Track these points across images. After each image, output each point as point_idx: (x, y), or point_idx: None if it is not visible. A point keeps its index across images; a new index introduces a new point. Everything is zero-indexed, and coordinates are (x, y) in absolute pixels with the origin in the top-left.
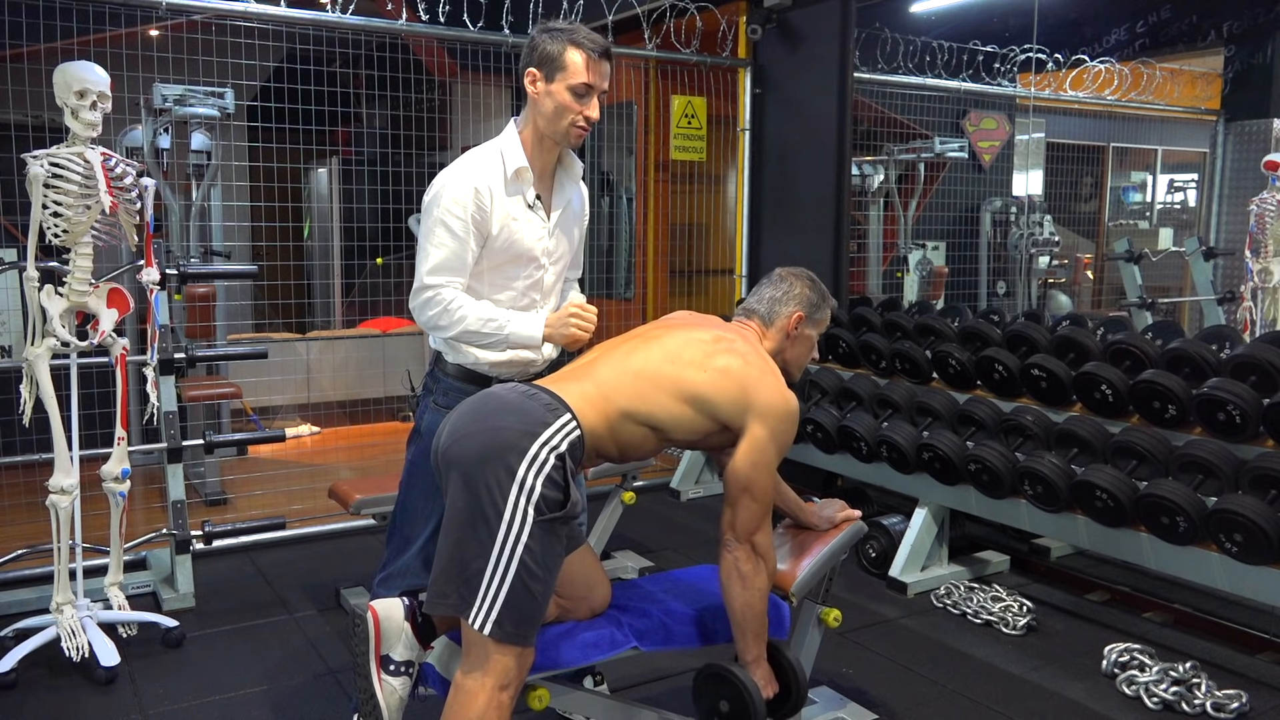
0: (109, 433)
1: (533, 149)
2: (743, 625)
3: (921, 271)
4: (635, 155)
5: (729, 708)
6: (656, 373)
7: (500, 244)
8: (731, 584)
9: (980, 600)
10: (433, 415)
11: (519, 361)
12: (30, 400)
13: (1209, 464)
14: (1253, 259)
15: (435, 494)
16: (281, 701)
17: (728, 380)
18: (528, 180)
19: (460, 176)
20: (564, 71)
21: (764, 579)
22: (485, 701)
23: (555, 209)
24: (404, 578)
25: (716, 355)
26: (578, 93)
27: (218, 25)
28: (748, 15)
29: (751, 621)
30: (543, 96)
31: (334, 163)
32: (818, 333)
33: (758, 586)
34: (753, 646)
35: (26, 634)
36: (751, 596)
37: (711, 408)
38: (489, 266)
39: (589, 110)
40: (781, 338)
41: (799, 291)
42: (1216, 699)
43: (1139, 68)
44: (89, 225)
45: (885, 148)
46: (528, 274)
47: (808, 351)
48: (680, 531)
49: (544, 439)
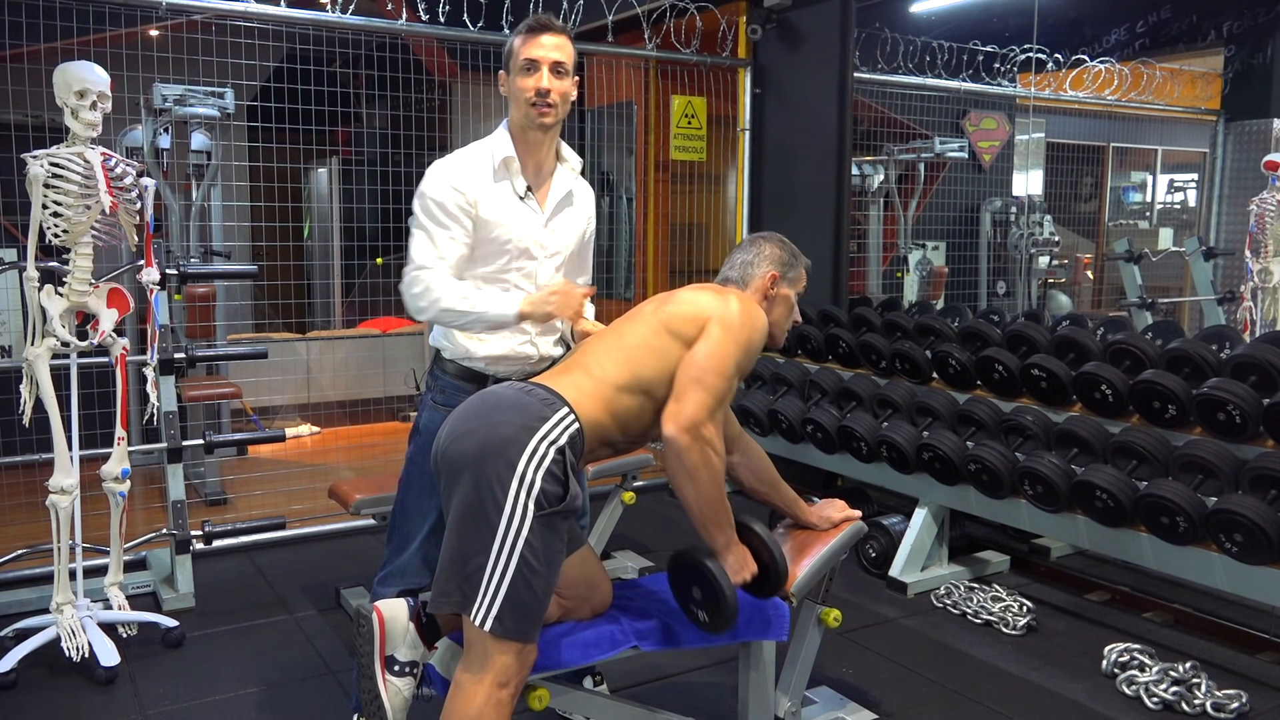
0: (109, 433)
1: (519, 143)
2: (702, 520)
3: (921, 271)
4: (635, 155)
5: (701, 595)
6: (633, 339)
7: (490, 234)
8: (681, 483)
9: (980, 600)
10: (430, 413)
11: (515, 357)
12: (30, 400)
13: (1209, 464)
14: (1253, 259)
15: (432, 492)
16: (281, 701)
17: (688, 302)
18: (515, 170)
19: (446, 167)
20: (512, 58)
21: (714, 468)
22: (483, 699)
23: (551, 202)
24: (403, 577)
25: (680, 292)
26: (524, 70)
27: (218, 25)
28: (748, 15)
29: (710, 513)
30: (508, 90)
31: (334, 163)
32: (795, 292)
33: (706, 479)
34: (718, 535)
35: (26, 634)
36: (705, 490)
37: (678, 330)
38: (481, 260)
39: (539, 83)
40: (760, 299)
41: (769, 252)
42: (1216, 699)
43: (1139, 68)
44: (89, 225)
45: (885, 148)
46: (519, 265)
47: (788, 312)
48: (680, 531)
49: (543, 433)
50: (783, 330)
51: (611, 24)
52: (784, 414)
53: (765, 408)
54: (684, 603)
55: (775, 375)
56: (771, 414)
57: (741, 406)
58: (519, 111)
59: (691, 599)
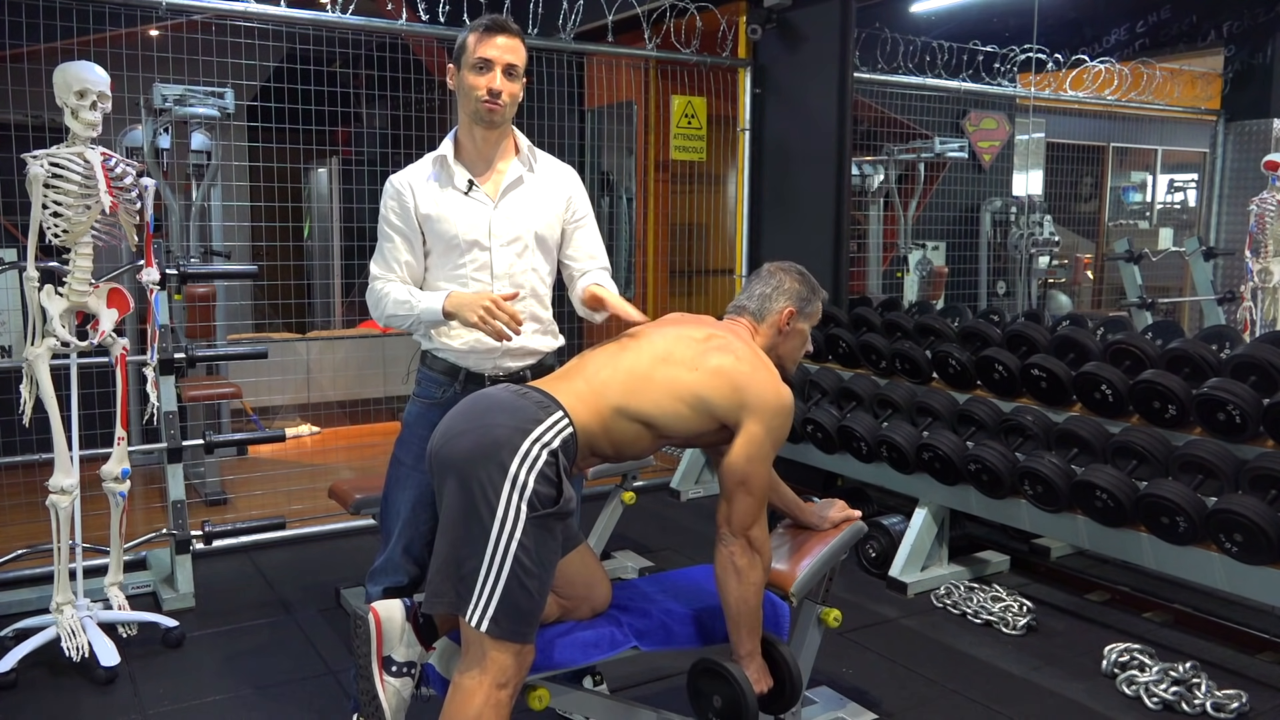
0: (109, 433)
1: (464, 139)
2: (737, 620)
3: (921, 271)
4: (635, 155)
5: (722, 703)
6: (648, 371)
7: (436, 231)
8: (727, 578)
9: (980, 600)
10: (411, 405)
11: (483, 349)
12: (30, 400)
13: (1209, 464)
14: (1253, 259)
15: (408, 483)
16: (281, 701)
17: (721, 379)
18: (452, 166)
19: (392, 179)
20: (465, 54)
21: (759, 573)
22: (482, 700)
23: (500, 190)
24: (387, 573)
25: (709, 354)
26: (476, 69)
27: (218, 25)
28: (748, 15)
29: (746, 616)
30: (457, 86)
31: (334, 163)
32: (810, 325)
33: (752, 581)
34: (746, 641)
35: (26, 634)
36: (746, 591)
37: (707, 406)
38: (438, 259)
39: (490, 83)
40: (774, 333)
41: (789, 286)
42: (1216, 699)
43: (1139, 68)
44: (89, 225)
45: (885, 148)
46: (471, 258)
47: (801, 345)
48: (680, 531)
49: (536, 435)
50: (795, 363)
51: (611, 24)
52: None
53: None
54: (700, 709)
55: None
56: None
57: None
58: (468, 107)
59: (711, 707)
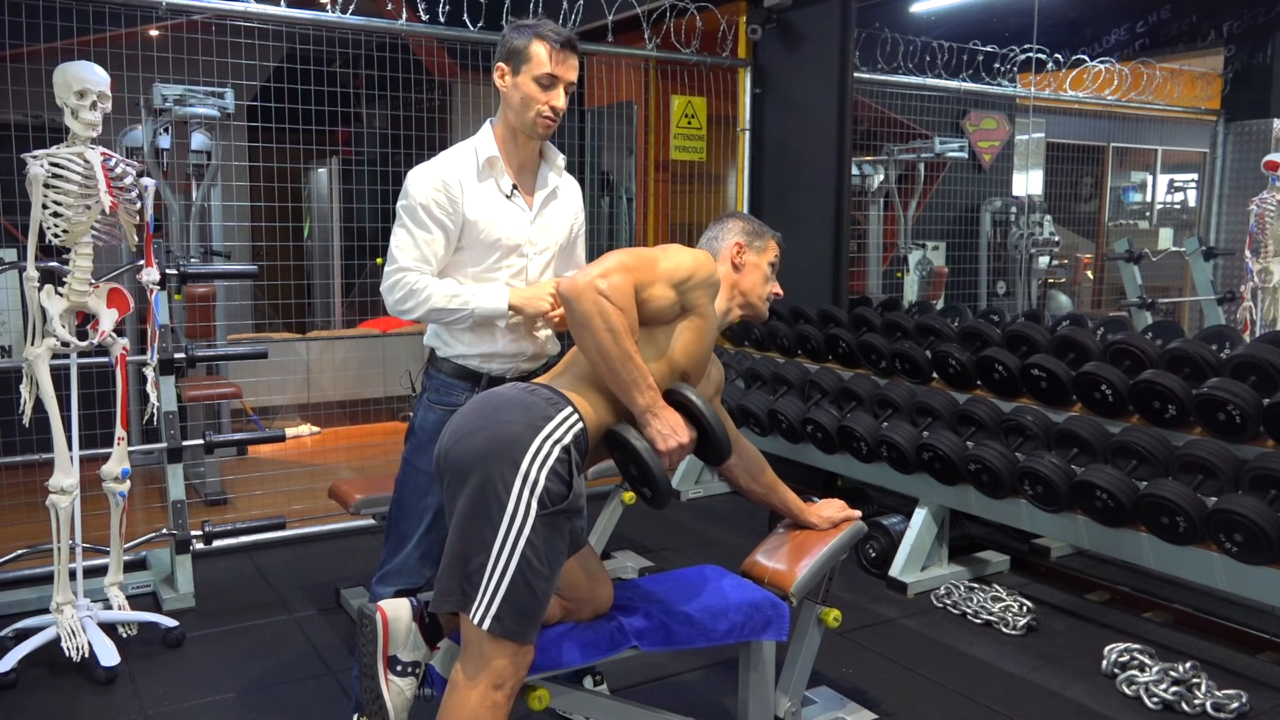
0: (109, 433)
1: (506, 142)
2: (611, 377)
3: (921, 271)
4: (635, 155)
5: (636, 470)
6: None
7: (478, 233)
8: (576, 334)
9: (980, 600)
10: (425, 413)
11: (508, 353)
12: (30, 400)
13: (1209, 464)
14: (1253, 259)
15: (428, 491)
16: (281, 701)
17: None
18: (500, 170)
19: (431, 169)
20: (529, 63)
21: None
22: (478, 700)
23: (538, 199)
24: (400, 576)
25: None
26: (542, 83)
27: (218, 25)
28: (748, 15)
29: (615, 367)
30: (511, 89)
31: (334, 163)
32: (767, 260)
33: (600, 325)
34: (636, 396)
35: (26, 634)
36: (596, 337)
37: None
38: (470, 259)
39: (554, 100)
40: (729, 269)
41: (733, 225)
42: (1216, 699)
43: (1139, 68)
44: (89, 225)
45: (885, 148)
46: (509, 263)
47: (762, 280)
48: (680, 531)
49: (547, 432)
50: (760, 298)
51: (611, 24)
52: (784, 414)
53: (765, 408)
54: (631, 483)
55: (775, 375)
56: (771, 414)
57: (741, 406)
58: (523, 115)
59: (630, 476)
